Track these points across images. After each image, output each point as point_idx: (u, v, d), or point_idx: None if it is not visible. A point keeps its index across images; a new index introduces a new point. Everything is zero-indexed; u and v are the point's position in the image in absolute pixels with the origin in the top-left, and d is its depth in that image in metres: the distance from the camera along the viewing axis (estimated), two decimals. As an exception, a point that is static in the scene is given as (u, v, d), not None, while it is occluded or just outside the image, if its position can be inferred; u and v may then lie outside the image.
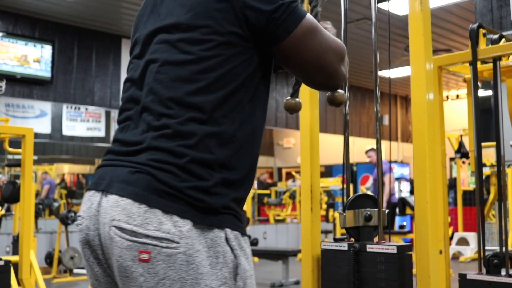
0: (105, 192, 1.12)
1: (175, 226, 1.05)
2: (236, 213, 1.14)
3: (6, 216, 7.60)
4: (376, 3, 1.99)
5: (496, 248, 2.64)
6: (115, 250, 1.08)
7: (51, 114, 9.46)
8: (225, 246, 1.09)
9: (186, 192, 1.07)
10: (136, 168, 1.10)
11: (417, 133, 1.87)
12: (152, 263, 1.05)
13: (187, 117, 1.11)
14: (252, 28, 1.15)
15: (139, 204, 1.06)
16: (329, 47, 1.21)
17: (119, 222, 1.07)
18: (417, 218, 1.85)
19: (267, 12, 1.14)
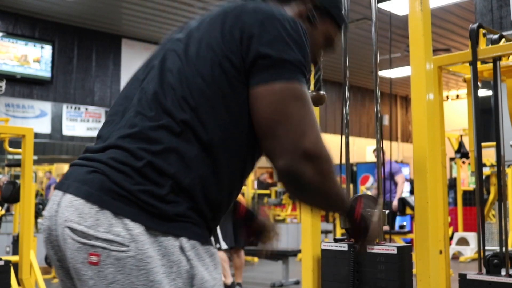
0: (64, 192, 1.10)
1: (126, 229, 1.02)
2: (195, 220, 1.09)
3: (6, 216, 7.59)
4: (376, 3, 1.99)
5: (496, 248, 2.64)
6: (68, 252, 1.06)
7: (51, 114, 9.45)
8: (180, 256, 1.05)
9: (139, 196, 1.04)
10: (93, 168, 1.08)
11: (417, 133, 1.87)
12: (101, 266, 1.02)
13: (161, 123, 1.09)
14: (244, 60, 1.11)
15: (91, 204, 1.04)
16: (301, 129, 1.08)
17: (71, 223, 1.04)
18: (417, 218, 1.85)
19: (262, 52, 1.10)
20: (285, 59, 1.10)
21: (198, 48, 1.16)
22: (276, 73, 1.09)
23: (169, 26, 9.42)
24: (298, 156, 1.08)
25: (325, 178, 1.12)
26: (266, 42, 1.10)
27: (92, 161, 1.11)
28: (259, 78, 1.10)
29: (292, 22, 1.15)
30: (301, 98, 1.10)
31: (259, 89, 1.09)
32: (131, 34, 9.71)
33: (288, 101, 1.08)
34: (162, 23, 9.24)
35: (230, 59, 1.12)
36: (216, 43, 1.14)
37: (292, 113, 1.08)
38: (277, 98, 1.08)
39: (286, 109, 1.08)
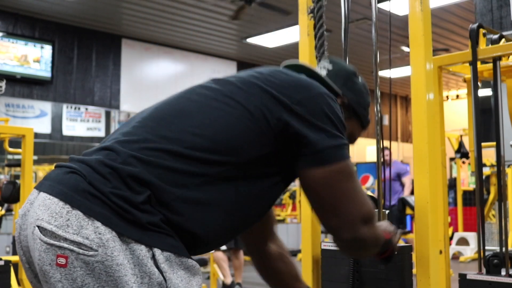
0: (39, 191, 1.07)
1: (96, 232, 0.98)
2: (168, 231, 1.05)
3: (6, 216, 7.59)
4: (376, 3, 1.99)
5: (496, 248, 2.64)
6: (35, 252, 1.01)
7: (51, 114, 9.45)
8: (152, 267, 1.01)
9: (111, 198, 1.01)
10: (72, 169, 1.06)
11: (417, 133, 1.87)
12: (69, 269, 0.98)
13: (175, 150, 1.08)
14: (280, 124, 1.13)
15: (64, 204, 1.00)
16: (355, 201, 1.16)
17: (42, 222, 1.00)
18: (417, 218, 1.85)
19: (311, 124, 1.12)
20: (334, 136, 1.14)
21: (231, 95, 1.15)
22: (328, 155, 1.13)
23: (169, 26, 9.42)
24: (360, 225, 1.18)
25: (376, 230, 1.26)
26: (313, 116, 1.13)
27: (77, 162, 1.08)
28: (312, 159, 1.13)
29: (335, 103, 1.19)
30: (351, 174, 1.17)
31: (315, 172, 1.14)
32: (131, 34, 9.71)
33: (343, 180, 1.15)
34: (162, 23, 9.24)
35: (263, 112, 1.12)
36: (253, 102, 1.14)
37: (348, 190, 1.16)
38: (334, 180, 1.14)
39: (343, 188, 1.15)
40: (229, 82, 1.20)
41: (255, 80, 1.17)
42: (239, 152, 1.11)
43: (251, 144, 1.12)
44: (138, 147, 1.08)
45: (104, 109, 9.81)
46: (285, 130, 1.12)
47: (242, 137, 1.11)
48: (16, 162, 4.34)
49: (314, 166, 1.13)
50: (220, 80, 1.22)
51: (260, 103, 1.13)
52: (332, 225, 1.19)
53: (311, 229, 2.14)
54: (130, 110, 9.89)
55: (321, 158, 1.12)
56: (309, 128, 1.12)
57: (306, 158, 1.13)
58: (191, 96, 1.19)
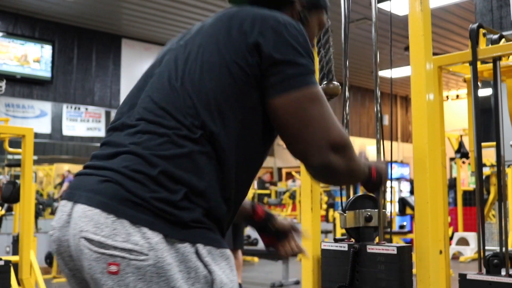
0: (75, 202, 1.09)
1: (144, 237, 1.02)
2: (210, 226, 1.10)
3: (6, 216, 7.59)
4: (376, 3, 1.99)
5: (496, 248, 2.64)
6: (85, 262, 1.05)
7: (51, 114, 9.45)
8: (197, 262, 1.06)
9: (154, 203, 1.04)
10: (105, 177, 1.08)
11: (417, 133, 1.87)
12: (121, 276, 1.01)
13: (172, 130, 1.11)
14: (256, 68, 1.14)
15: (107, 214, 1.03)
16: (323, 127, 1.15)
17: (87, 233, 1.04)
18: (417, 218, 1.85)
19: (274, 59, 1.13)
20: (298, 65, 1.14)
21: (203, 53, 1.17)
22: (292, 82, 1.13)
23: (169, 26, 9.42)
24: (327, 151, 1.16)
25: (351, 162, 1.22)
26: (276, 49, 1.13)
27: (102, 169, 1.10)
28: (276, 89, 1.14)
29: (297, 26, 1.19)
30: (318, 99, 1.16)
31: (279, 100, 1.14)
32: (131, 34, 9.71)
33: (308, 106, 1.14)
34: (162, 23, 9.24)
35: (239, 64, 1.14)
36: (223, 47, 1.16)
37: (313, 115, 1.15)
38: (298, 106, 1.14)
39: (308, 113, 1.14)
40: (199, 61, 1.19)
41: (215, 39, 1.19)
42: (234, 114, 1.15)
43: (238, 101, 1.15)
44: (154, 143, 1.10)
45: (104, 109, 9.82)
46: (257, 68, 1.15)
47: (230, 99, 1.15)
48: (16, 162, 4.34)
49: (279, 94, 1.14)
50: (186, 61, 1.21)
51: (232, 59, 1.15)
52: (298, 151, 1.18)
53: (311, 229, 2.15)
54: (130, 110, 9.90)
55: (286, 85, 1.13)
56: (273, 59, 1.14)
57: (272, 87, 1.14)
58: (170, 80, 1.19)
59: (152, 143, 1.10)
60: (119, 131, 1.17)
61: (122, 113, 1.21)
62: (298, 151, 1.19)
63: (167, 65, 1.21)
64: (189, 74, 1.16)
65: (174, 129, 1.11)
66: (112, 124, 1.23)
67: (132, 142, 1.11)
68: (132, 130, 1.13)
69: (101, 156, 1.15)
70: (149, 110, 1.14)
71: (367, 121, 13.97)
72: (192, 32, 1.27)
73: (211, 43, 1.18)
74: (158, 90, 1.17)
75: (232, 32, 1.17)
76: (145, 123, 1.13)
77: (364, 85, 13.10)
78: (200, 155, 1.10)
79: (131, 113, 1.18)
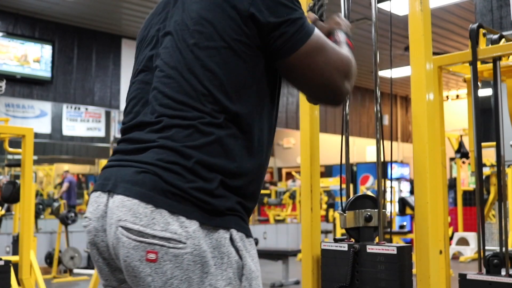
0: (111, 192, 1.13)
1: (182, 226, 1.06)
2: (242, 214, 1.15)
3: (6, 216, 7.59)
4: (376, 3, 1.99)
5: (496, 248, 2.64)
6: (122, 250, 1.08)
7: (51, 114, 9.46)
8: (230, 247, 1.10)
9: (192, 193, 1.08)
10: (142, 168, 1.10)
11: (417, 133, 1.87)
12: (159, 263, 1.05)
13: (196, 117, 1.12)
14: (256, 38, 1.16)
15: (146, 204, 1.06)
16: (334, 66, 1.20)
17: (126, 222, 1.07)
18: (417, 218, 1.85)
19: (272, 24, 1.15)
20: (295, 20, 1.17)
21: (203, 39, 1.17)
22: (297, 39, 1.16)
23: (169, 26, 9.40)
24: (344, 81, 1.21)
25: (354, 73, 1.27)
26: (271, 13, 1.15)
27: (136, 162, 1.12)
28: (285, 50, 1.16)
29: None
30: (322, 44, 1.20)
31: (290, 59, 1.17)
32: (131, 34, 9.71)
33: (317, 54, 1.18)
34: (162, 23, 9.25)
35: (241, 40, 1.16)
36: (220, 28, 1.16)
37: (324, 60, 1.18)
38: (310, 58, 1.18)
39: (320, 60, 1.18)
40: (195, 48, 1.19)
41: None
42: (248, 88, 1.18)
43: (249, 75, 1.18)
44: (182, 136, 1.12)
45: (104, 109, 9.82)
46: (258, 37, 1.17)
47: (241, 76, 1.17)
48: (16, 162, 4.34)
49: (289, 53, 1.17)
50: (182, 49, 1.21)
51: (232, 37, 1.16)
52: (321, 98, 1.26)
53: (311, 229, 2.15)
54: (130, 110, 9.91)
55: (293, 43, 1.16)
56: (272, 24, 1.16)
57: (280, 49, 1.17)
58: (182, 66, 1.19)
59: (180, 136, 1.12)
60: (139, 130, 1.18)
61: (137, 112, 1.22)
62: (322, 98, 1.25)
63: (169, 55, 1.20)
64: (197, 61, 1.16)
65: (197, 119, 1.13)
66: (128, 122, 1.23)
67: (160, 137, 1.13)
68: (156, 127, 1.15)
69: (126, 150, 1.17)
70: (166, 106, 1.15)
71: (367, 121, 13.97)
72: (177, 10, 1.25)
73: (206, 26, 1.18)
74: (169, 84, 1.17)
75: (223, 9, 1.17)
76: (167, 118, 1.14)
77: (364, 85, 13.10)
78: (227, 138, 1.14)
79: (147, 111, 1.19)
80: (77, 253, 7.21)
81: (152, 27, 1.31)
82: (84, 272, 7.47)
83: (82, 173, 13.46)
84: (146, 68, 1.26)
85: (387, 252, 1.77)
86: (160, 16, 1.30)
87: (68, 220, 7.22)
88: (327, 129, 12.32)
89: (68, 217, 7.22)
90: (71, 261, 7.16)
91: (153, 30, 1.29)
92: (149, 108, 1.18)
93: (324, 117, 11.96)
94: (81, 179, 13.45)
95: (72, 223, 7.30)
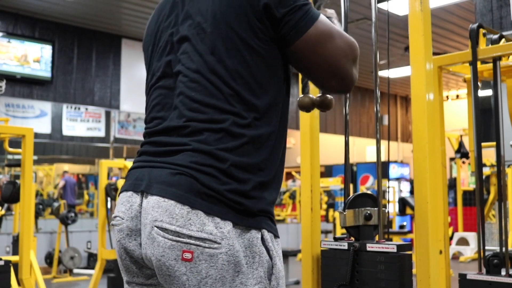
0: (145, 193, 1.15)
1: (217, 227, 1.08)
2: (271, 215, 1.18)
3: (6, 216, 7.59)
4: (376, 3, 1.99)
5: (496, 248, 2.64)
6: (157, 250, 1.10)
7: (51, 114, 9.45)
8: (261, 247, 1.13)
9: (226, 195, 1.10)
10: (177, 170, 1.12)
11: (417, 133, 1.87)
12: (195, 263, 1.07)
13: (224, 120, 1.14)
14: (270, 30, 1.18)
15: (182, 205, 1.09)
16: (343, 51, 1.20)
17: (162, 223, 1.09)
18: (417, 218, 1.85)
19: (282, 13, 1.16)
20: (301, 7, 1.18)
21: (221, 39, 1.18)
22: (303, 23, 1.17)
23: (169, 26, 9.39)
24: (352, 66, 1.22)
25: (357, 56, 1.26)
26: (282, 4, 1.17)
27: (169, 163, 1.14)
28: (293, 35, 1.17)
29: None
30: (327, 28, 1.20)
31: (298, 44, 1.18)
32: (131, 34, 9.71)
33: (324, 39, 1.19)
34: (162, 23, 9.24)
35: (258, 36, 1.17)
36: (237, 27, 1.17)
37: (332, 45, 1.19)
38: (317, 42, 1.18)
39: (327, 45, 1.19)
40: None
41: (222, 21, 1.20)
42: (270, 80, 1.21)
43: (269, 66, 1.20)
44: (214, 139, 1.13)
45: (104, 109, 9.81)
46: (271, 29, 1.18)
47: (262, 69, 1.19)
48: (16, 162, 4.34)
49: (297, 38, 1.18)
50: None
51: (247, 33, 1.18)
52: (330, 86, 1.24)
53: (311, 229, 2.15)
54: (130, 110, 9.89)
55: (301, 28, 1.17)
56: (282, 14, 1.17)
57: (288, 35, 1.18)
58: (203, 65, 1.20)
59: (212, 139, 1.13)
60: (166, 135, 1.19)
61: (163, 117, 1.22)
62: (331, 86, 1.24)
63: (190, 59, 1.21)
64: (219, 63, 1.17)
65: (227, 121, 1.14)
66: (154, 127, 1.24)
67: (192, 140, 1.14)
68: (186, 131, 1.16)
69: (156, 152, 1.18)
70: (195, 110, 1.16)
71: (367, 121, 13.97)
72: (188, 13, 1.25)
73: (223, 27, 1.18)
74: (195, 88, 1.18)
75: (237, 6, 1.18)
76: (196, 123, 1.15)
77: (364, 85, 13.09)
78: (257, 138, 1.16)
79: (173, 116, 1.19)
80: (77, 253, 7.21)
81: (163, 32, 1.30)
82: (84, 272, 7.48)
83: (82, 173, 13.45)
84: (165, 74, 1.26)
85: (387, 251, 1.77)
86: (170, 19, 1.29)
87: (68, 220, 7.22)
88: (327, 129, 12.32)
89: (68, 217, 7.22)
90: (71, 261, 7.16)
91: (165, 35, 1.29)
92: (176, 113, 1.19)
93: (324, 117, 11.95)
94: (81, 179, 13.45)
95: (72, 223, 7.30)
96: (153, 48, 1.33)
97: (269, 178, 1.18)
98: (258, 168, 1.15)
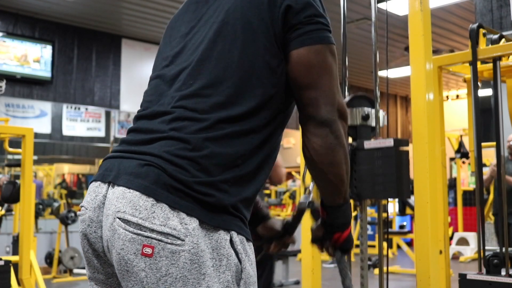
0: (112, 183, 1.10)
1: (181, 223, 1.02)
2: (244, 217, 1.12)
3: (6, 216, 7.59)
4: (376, 3, 1.99)
5: (496, 248, 2.64)
6: (117, 242, 1.04)
7: (51, 114, 9.44)
8: (230, 249, 1.06)
9: (195, 187, 1.05)
10: (146, 161, 1.08)
11: (417, 133, 1.87)
12: (155, 258, 1.02)
13: (212, 114, 1.11)
14: (282, 35, 1.17)
15: (147, 197, 1.04)
16: (333, 80, 1.18)
17: (124, 214, 1.04)
18: (417, 218, 1.85)
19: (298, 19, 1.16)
20: (318, 22, 1.18)
21: (239, 40, 1.17)
22: (315, 36, 1.17)
23: (169, 26, 9.39)
24: (336, 110, 1.18)
25: (344, 140, 1.20)
26: (301, 7, 1.17)
27: (141, 154, 1.10)
28: (300, 41, 1.16)
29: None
30: (335, 57, 1.20)
31: (301, 51, 1.16)
32: (131, 34, 9.71)
33: (328, 59, 1.18)
34: (162, 23, 9.24)
35: (278, 42, 1.17)
36: (259, 30, 1.17)
37: (331, 69, 1.18)
38: (320, 58, 1.17)
39: (327, 65, 1.18)
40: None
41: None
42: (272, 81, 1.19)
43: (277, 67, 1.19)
44: (195, 128, 1.10)
45: (104, 109, 9.81)
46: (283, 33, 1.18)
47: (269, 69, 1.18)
48: (16, 162, 4.34)
49: (303, 45, 1.17)
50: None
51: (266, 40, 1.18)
52: (311, 97, 1.18)
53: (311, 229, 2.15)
54: (130, 110, 9.89)
55: (311, 37, 1.17)
56: (298, 20, 1.17)
57: (295, 39, 1.17)
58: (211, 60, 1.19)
59: (192, 128, 1.10)
60: (150, 119, 1.16)
61: (151, 101, 1.21)
62: (309, 97, 1.18)
63: (206, 51, 1.19)
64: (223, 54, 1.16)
65: (214, 112, 1.11)
66: (141, 111, 1.22)
67: (171, 128, 1.11)
68: (168, 117, 1.13)
69: (134, 141, 1.15)
70: (187, 97, 1.14)
71: (367, 121, 13.96)
72: (209, 6, 1.25)
73: (243, 25, 1.18)
74: (195, 77, 1.16)
75: (260, 9, 1.17)
76: (183, 110, 1.13)
77: (364, 85, 13.09)
78: (243, 131, 1.12)
79: (164, 101, 1.17)
80: (77, 253, 7.21)
81: (183, 25, 1.30)
82: (84, 272, 7.48)
83: (82, 173, 13.44)
84: (170, 63, 1.25)
85: (384, 146, 1.77)
86: (195, 13, 1.29)
87: (68, 220, 7.22)
88: (327, 129, 12.29)
89: (68, 217, 7.22)
90: (71, 261, 7.16)
91: (184, 28, 1.29)
92: (167, 98, 1.17)
93: (324, 117, 11.93)
94: (81, 179, 13.45)
95: (72, 223, 7.29)
96: (169, 40, 1.32)
97: (246, 173, 1.12)
98: (235, 161, 1.10)
